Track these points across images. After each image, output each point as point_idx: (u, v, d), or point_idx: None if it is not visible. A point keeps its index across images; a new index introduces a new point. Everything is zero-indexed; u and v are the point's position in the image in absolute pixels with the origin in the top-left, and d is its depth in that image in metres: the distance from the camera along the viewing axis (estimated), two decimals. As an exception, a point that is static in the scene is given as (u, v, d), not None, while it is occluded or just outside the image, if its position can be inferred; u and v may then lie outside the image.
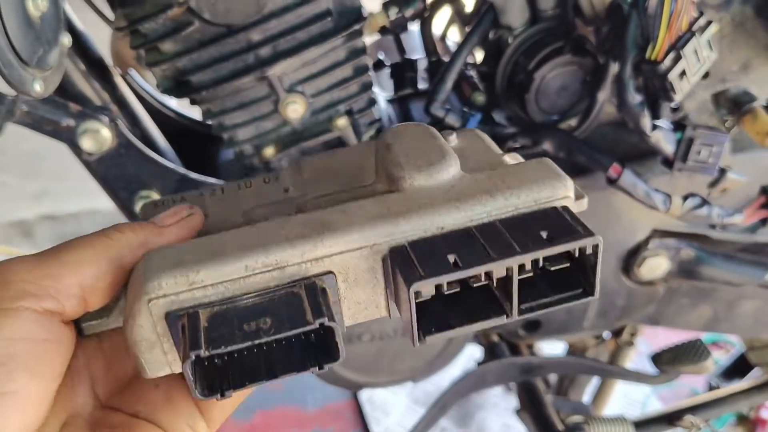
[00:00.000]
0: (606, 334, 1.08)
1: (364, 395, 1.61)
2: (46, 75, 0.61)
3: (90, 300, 0.35)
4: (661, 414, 0.97)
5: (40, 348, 0.33)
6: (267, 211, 0.42)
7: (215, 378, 0.33)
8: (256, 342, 0.32)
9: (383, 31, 0.81)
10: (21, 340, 0.32)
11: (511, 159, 0.44)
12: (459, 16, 0.94)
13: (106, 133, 0.75)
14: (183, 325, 0.33)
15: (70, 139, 0.75)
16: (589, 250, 0.33)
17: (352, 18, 0.71)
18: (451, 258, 0.33)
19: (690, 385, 1.73)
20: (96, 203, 2.17)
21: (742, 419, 1.53)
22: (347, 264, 0.35)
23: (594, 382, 1.20)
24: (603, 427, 0.85)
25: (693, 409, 0.97)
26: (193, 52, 0.69)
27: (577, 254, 0.34)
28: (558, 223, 0.34)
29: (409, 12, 0.78)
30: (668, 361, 0.88)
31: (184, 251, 0.35)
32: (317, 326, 0.32)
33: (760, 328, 1.00)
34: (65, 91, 0.77)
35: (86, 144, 0.75)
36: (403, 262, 0.33)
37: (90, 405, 0.38)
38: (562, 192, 0.36)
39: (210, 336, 0.32)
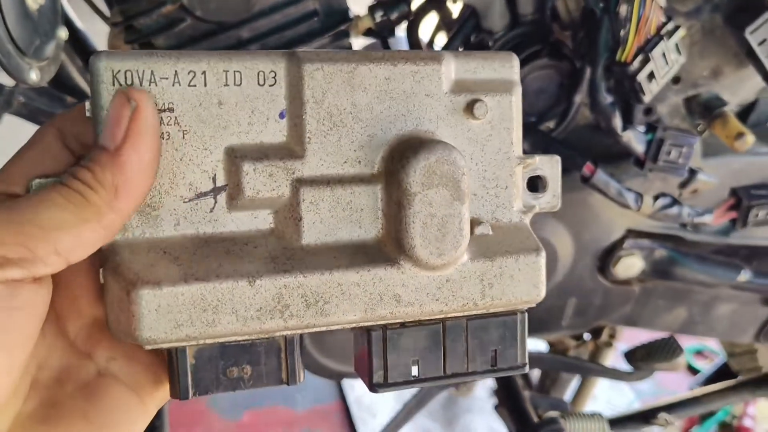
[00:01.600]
0: (586, 336, 1.10)
1: (352, 396, 1.63)
2: (42, 65, 0.64)
3: (70, 260, 0.32)
4: (637, 412, 1.00)
5: (8, 319, 0.30)
6: (257, 182, 0.36)
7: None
8: (236, 390, 0.37)
9: (370, 33, 0.84)
10: None
11: (523, 166, 0.42)
12: (444, 23, 0.97)
13: (100, 126, 0.78)
14: (170, 353, 0.36)
15: (65, 130, 0.78)
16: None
17: (338, 19, 0.74)
18: (414, 367, 0.39)
19: (673, 392, 1.75)
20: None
21: (724, 426, 1.54)
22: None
23: (575, 383, 1.23)
24: (578, 422, 0.87)
25: (668, 408, 1.00)
26: (185, 47, 0.72)
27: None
28: (510, 339, 0.41)
29: (394, 15, 0.81)
30: (642, 357, 0.91)
31: (179, 306, 0.34)
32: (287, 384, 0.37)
33: (737, 331, 1.02)
34: (62, 84, 0.80)
35: (81, 136, 0.78)
36: (377, 350, 0.38)
37: (59, 348, 0.36)
38: (533, 303, 0.41)
39: (196, 378, 0.36)
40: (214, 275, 0.35)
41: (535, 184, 0.43)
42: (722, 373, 1.52)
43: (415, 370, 0.39)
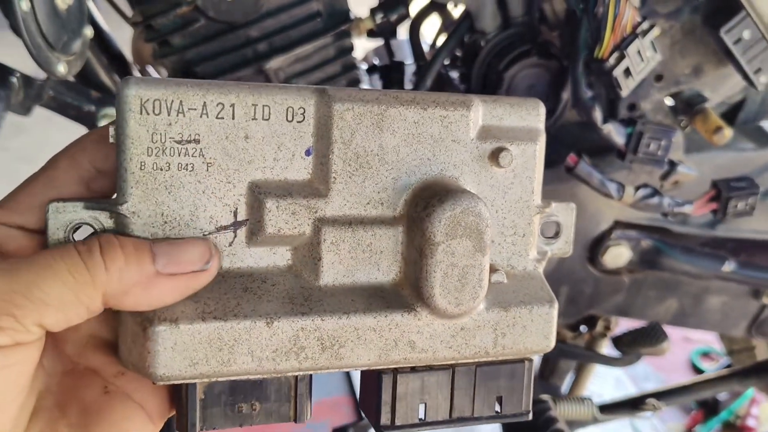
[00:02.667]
0: (583, 328, 1.14)
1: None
2: (69, 59, 0.71)
3: (53, 330, 0.32)
4: (626, 399, 1.03)
5: None
6: (279, 220, 0.36)
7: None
8: (243, 426, 0.36)
9: (371, 34, 0.90)
10: None
11: (540, 216, 0.43)
12: (446, 25, 1.03)
13: (122, 119, 0.85)
14: (179, 388, 0.36)
15: (90, 122, 0.85)
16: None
17: (340, 19, 0.80)
18: (421, 409, 0.39)
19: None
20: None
21: (728, 426, 1.56)
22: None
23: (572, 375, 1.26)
24: (568, 405, 0.91)
25: (657, 395, 1.03)
26: (199, 45, 0.79)
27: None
28: (516, 386, 0.41)
29: (393, 17, 0.87)
30: (628, 343, 0.95)
31: (195, 344, 0.34)
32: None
33: (729, 324, 1.05)
34: (88, 80, 0.87)
35: (104, 127, 0.85)
36: (386, 391, 0.39)
37: (59, 373, 0.36)
38: (542, 353, 0.42)
39: (204, 413, 0.35)
40: (232, 314, 0.35)
41: (548, 230, 0.45)
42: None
43: (421, 412, 0.39)
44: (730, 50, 0.77)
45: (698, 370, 1.83)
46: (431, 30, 1.11)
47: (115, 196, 0.35)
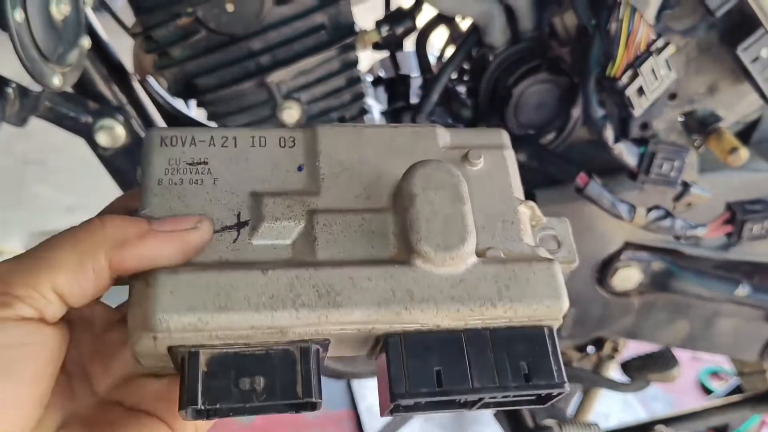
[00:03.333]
0: (590, 349, 1.11)
1: (363, 405, 1.65)
2: (65, 71, 0.69)
3: (70, 301, 0.35)
4: (633, 425, 1.00)
5: (21, 353, 0.33)
6: (276, 211, 0.41)
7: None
8: (247, 405, 0.35)
9: (377, 47, 0.88)
10: None
11: (526, 209, 0.44)
12: (453, 37, 1.01)
13: (120, 131, 0.83)
14: (183, 359, 0.36)
15: (87, 134, 0.83)
16: (554, 394, 0.38)
17: (344, 32, 0.78)
18: (436, 372, 0.36)
19: (690, 415, 1.74)
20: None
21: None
22: (344, 334, 0.38)
23: (577, 397, 1.23)
24: (574, 430, 0.88)
25: (666, 422, 1.00)
26: (199, 57, 0.77)
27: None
28: (540, 354, 0.38)
29: (399, 30, 0.85)
30: (637, 368, 0.92)
31: (194, 288, 0.36)
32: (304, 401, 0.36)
33: (740, 348, 1.02)
34: (85, 90, 0.85)
35: (102, 139, 0.83)
36: (395, 357, 0.37)
37: (89, 403, 0.38)
38: (557, 314, 0.39)
39: (207, 387, 0.35)
40: (229, 267, 0.37)
41: (548, 244, 0.44)
42: (736, 394, 1.51)
43: (438, 381, 0.37)
44: (747, 69, 0.74)
45: (707, 390, 1.80)
46: (439, 41, 1.08)
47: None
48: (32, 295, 0.33)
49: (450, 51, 1.08)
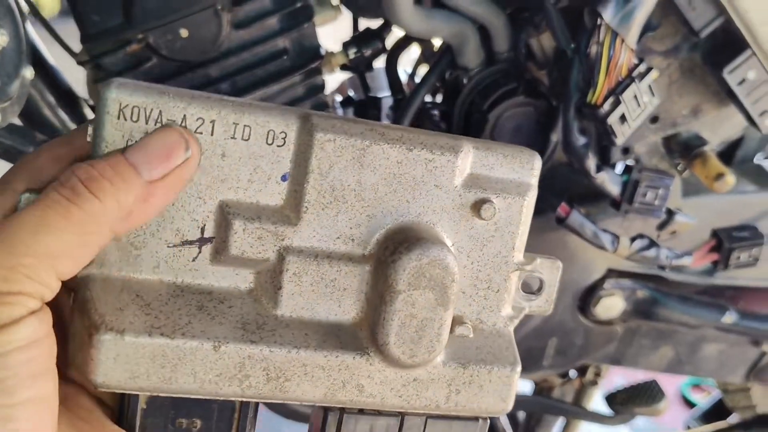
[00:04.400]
0: (572, 374, 1.08)
1: None
2: (5, 106, 0.63)
3: (65, 279, 0.32)
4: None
5: (42, 346, 0.31)
6: (244, 242, 0.36)
7: None
8: None
9: (345, 68, 0.83)
10: (20, 350, 0.30)
11: (519, 272, 0.41)
12: (425, 55, 0.96)
13: (70, 162, 0.78)
14: (123, 396, 0.36)
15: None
16: None
17: (309, 56, 0.73)
18: None
19: (672, 430, 1.72)
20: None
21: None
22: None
23: (561, 423, 1.20)
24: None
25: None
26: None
27: None
28: None
29: (368, 52, 0.80)
30: (622, 401, 0.88)
31: (138, 358, 0.33)
32: None
33: (726, 371, 1.00)
34: (32, 120, 0.79)
35: (50, 172, 0.78)
36: (328, 429, 0.38)
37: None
38: (498, 414, 0.40)
39: (144, 424, 0.35)
40: (180, 333, 0.34)
41: (530, 286, 0.42)
42: (718, 408, 1.49)
43: None
44: (733, 91, 0.71)
45: (689, 403, 1.78)
46: (411, 56, 1.04)
47: None
48: (38, 289, 0.31)
49: (423, 70, 1.04)
